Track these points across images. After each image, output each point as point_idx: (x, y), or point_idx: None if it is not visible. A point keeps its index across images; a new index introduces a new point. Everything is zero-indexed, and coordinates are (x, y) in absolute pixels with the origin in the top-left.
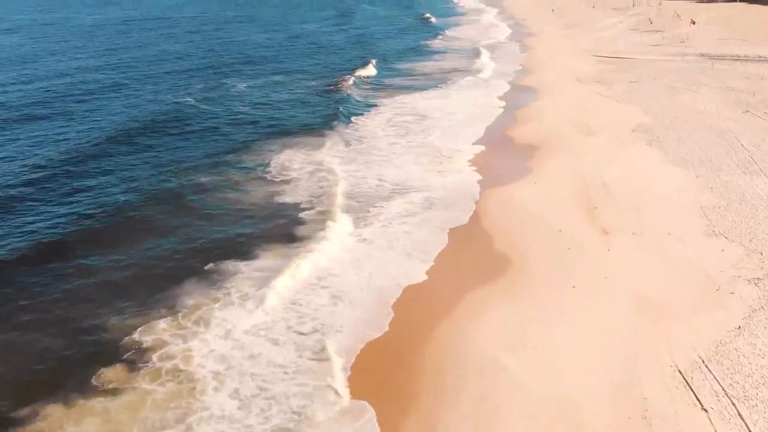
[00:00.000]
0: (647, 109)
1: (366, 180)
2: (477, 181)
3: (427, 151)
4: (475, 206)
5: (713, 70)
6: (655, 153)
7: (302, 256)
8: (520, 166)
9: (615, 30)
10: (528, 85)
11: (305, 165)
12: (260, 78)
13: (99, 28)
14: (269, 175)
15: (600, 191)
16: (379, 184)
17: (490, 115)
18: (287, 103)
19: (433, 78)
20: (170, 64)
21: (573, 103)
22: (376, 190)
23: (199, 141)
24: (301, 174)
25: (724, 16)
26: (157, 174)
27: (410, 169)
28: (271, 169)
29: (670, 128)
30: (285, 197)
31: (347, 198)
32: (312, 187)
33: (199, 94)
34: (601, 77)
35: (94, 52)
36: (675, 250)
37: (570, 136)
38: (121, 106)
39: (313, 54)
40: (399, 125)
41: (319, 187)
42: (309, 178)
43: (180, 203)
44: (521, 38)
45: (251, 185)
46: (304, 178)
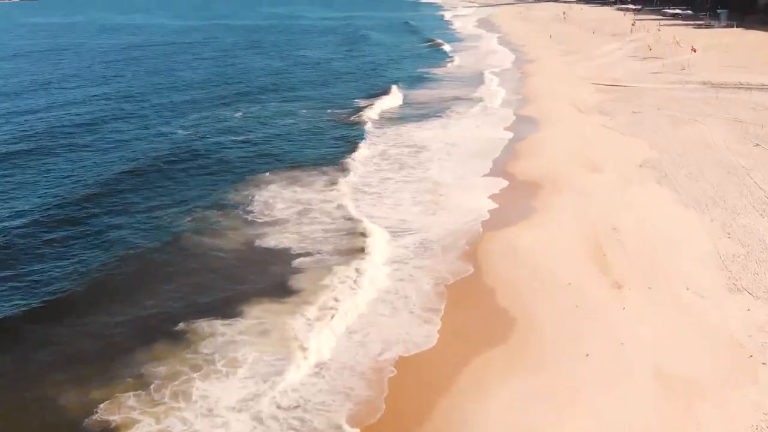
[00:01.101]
0: (653, 143)
1: (363, 221)
2: (478, 221)
3: (426, 187)
4: (477, 252)
5: (717, 100)
6: (665, 192)
7: (291, 315)
8: (523, 206)
9: (613, 57)
10: (527, 115)
11: (293, 204)
12: (269, 106)
13: (103, 55)
14: (252, 215)
15: (610, 237)
16: (379, 224)
17: (489, 150)
18: (296, 136)
19: (434, 107)
20: (177, 93)
21: (575, 136)
22: (372, 231)
23: (190, 178)
24: (290, 214)
25: (723, 43)
26: (139, 221)
27: (408, 208)
28: (254, 208)
29: (678, 164)
30: (270, 240)
31: (342, 241)
32: (303, 230)
33: (200, 125)
34: (602, 107)
35: (96, 81)
36: (696, 309)
37: (574, 173)
38: (117, 141)
39: (324, 82)
40: (395, 159)
41: (312, 231)
42: (299, 220)
43: (158, 249)
44: (520, 65)
45: (234, 227)
46: (292, 220)
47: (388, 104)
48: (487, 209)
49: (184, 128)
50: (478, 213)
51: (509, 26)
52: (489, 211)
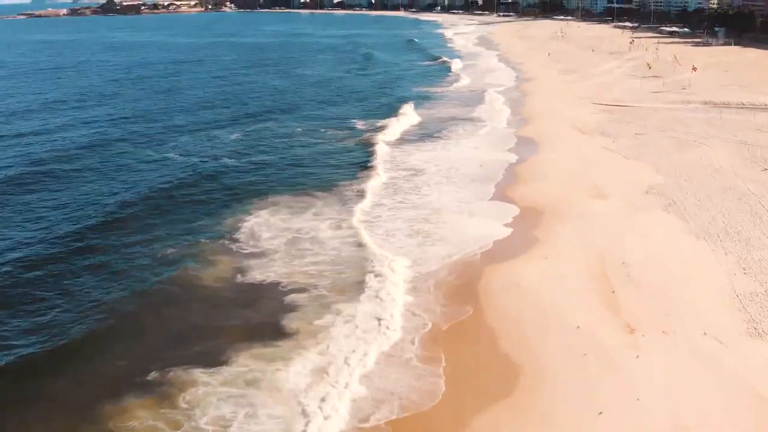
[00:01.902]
0: (658, 167)
1: (353, 253)
2: (479, 252)
3: (424, 214)
4: (478, 289)
5: (721, 121)
6: (674, 222)
7: (284, 362)
8: (525, 236)
9: (613, 75)
10: (528, 136)
11: (283, 233)
12: (274, 128)
13: (107, 73)
14: (238, 244)
15: (619, 272)
16: (371, 256)
17: (489, 174)
18: (301, 160)
19: (433, 127)
20: (182, 114)
21: (577, 159)
22: (361, 264)
23: (187, 207)
24: (280, 244)
25: (722, 61)
26: (130, 256)
27: (403, 239)
28: (242, 236)
29: (686, 190)
30: (257, 274)
31: (339, 275)
32: (295, 263)
33: (203, 148)
34: (603, 128)
35: (99, 101)
36: (714, 357)
37: (578, 199)
38: (116, 166)
39: (332, 101)
40: (393, 184)
41: (304, 264)
42: (291, 250)
43: (140, 290)
44: (519, 84)
45: (222, 258)
46: (282, 251)
47: (389, 125)
48: (489, 239)
49: (187, 152)
50: (478, 243)
51: (507, 44)
52: (490, 242)
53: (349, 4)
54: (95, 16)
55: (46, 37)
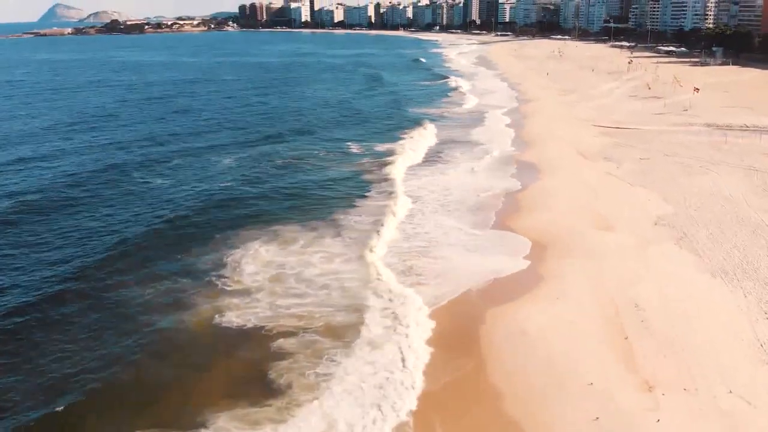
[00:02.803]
0: (666, 195)
1: (344, 292)
2: (479, 292)
3: (419, 246)
4: (480, 337)
5: (727, 144)
6: (687, 257)
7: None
8: (529, 273)
9: (612, 96)
10: (529, 160)
11: (267, 269)
12: (284, 151)
13: (113, 94)
14: (222, 281)
15: (632, 317)
16: (364, 296)
17: (489, 202)
18: (305, 188)
19: (432, 149)
20: (195, 138)
21: (581, 186)
22: (354, 305)
23: (169, 240)
24: (263, 281)
25: (722, 81)
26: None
27: (394, 278)
28: (229, 272)
29: (696, 221)
30: (234, 317)
31: (332, 318)
32: (279, 303)
33: (217, 173)
34: (606, 152)
35: (103, 125)
36: (743, 421)
37: (585, 232)
38: (122, 194)
39: (341, 124)
40: (386, 213)
41: (291, 306)
42: (275, 289)
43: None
44: (518, 105)
45: (199, 297)
46: (266, 289)
47: (389, 149)
48: (489, 275)
49: (184, 178)
50: (478, 280)
51: (506, 64)
52: (491, 279)
53: (349, 24)
54: (100, 35)
55: (50, 57)
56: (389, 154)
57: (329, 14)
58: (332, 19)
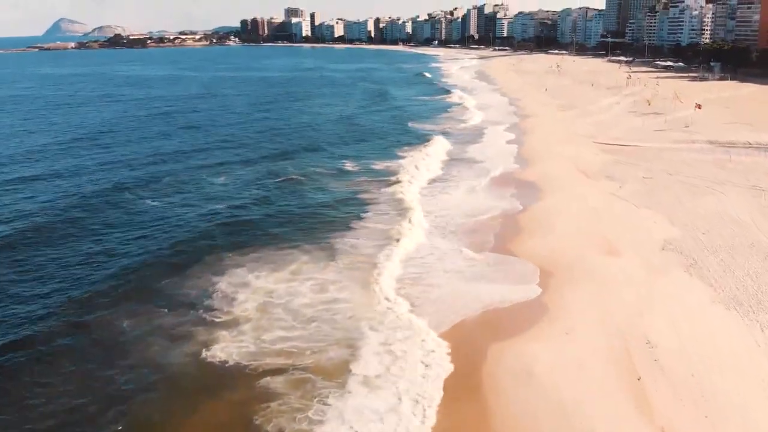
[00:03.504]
0: (672, 217)
1: (335, 325)
2: (480, 324)
3: (414, 272)
4: (482, 377)
5: (731, 163)
6: (698, 287)
7: None
8: (533, 303)
9: (612, 112)
10: (529, 179)
11: (255, 297)
12: (289, 169)
13: (116, 110)
14: (210, 313)
15: (644, 355)
16: (355, 329)
17: (488, 223)
18: (306, 210)
19: (426, 170)
20: (201, 155)
21: (585, 207)
22: (344, 339)
23: (162, 267)
24: (252, 311)
25: (722, 97)
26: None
27: (387, 308)
28: (213, 303)
29: (705, 247)
30: (221, 352)
31: (317, 359)
32: (265, 336)
33: (219, 194)
34: (608, 170)
35: (111, 142)
36: None
37: (589, 257)
38: (125, 217)
39: (346, 141)
40: (378, 236)
41: (278, 340)
42: (260, 319)
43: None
44: (517, 121)
45: (184, 332)
46: (253, 318)
47: (385, 166)
48: (490, 304)
49: (194, 199)
50: (478, 310)
51: (505, 79)
52: (492, 309)
53: (349, 39)
54: (103, 50)
55: (53, 71)
56: (388, 173)
57: (329, 29)
58: (332, 34)
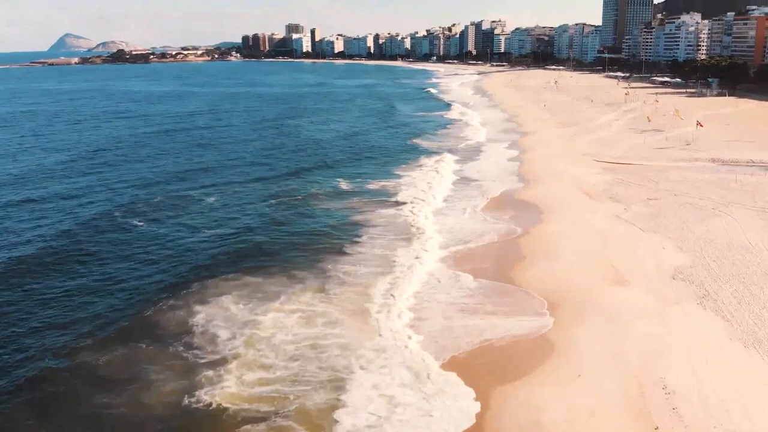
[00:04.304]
0: (681, 242)
1: (321, 364)
2: (480, 362)
3: (409, 304)
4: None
5: (737, 183)
6: (713, 322)
7: None
8: (539, 339)
9: (612, 129)
10: (530, 200)
11: (241, 331)
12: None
13: (121, 127)
14: (192, 352)
15: (660, 401)
16: (343, 368)
17: (488, 250)
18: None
19: (421, 189)
20: (209, 175)
21: (589, 231)
22: (332, 383)
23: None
24: (237, 348)
25: (722, 113)
26: None
27: (377, 338)
28: (194, 339)
29: (718, 276)
30: (204, 395)
31: (301, 405)
32: (248, 378)
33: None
34: (612, 191)
35: (105, 163)
36: None
37: (597, 287)
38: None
39: (354, 159)
40: (370, 261)
41: (259, 382)
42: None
43: None
44: (516, 138)
45: (163, 375)
46: (239, 358)
47: (381, 186)
48: (491, 340)
49: (197, 222)
50: (478, 344)
51: (504, 95)
52: (494, 345)
53: (349, 54)
54: (106, 65)
55: (56, 87)
56: (385, 194)
57: (330, 45)
58: (332, 50)
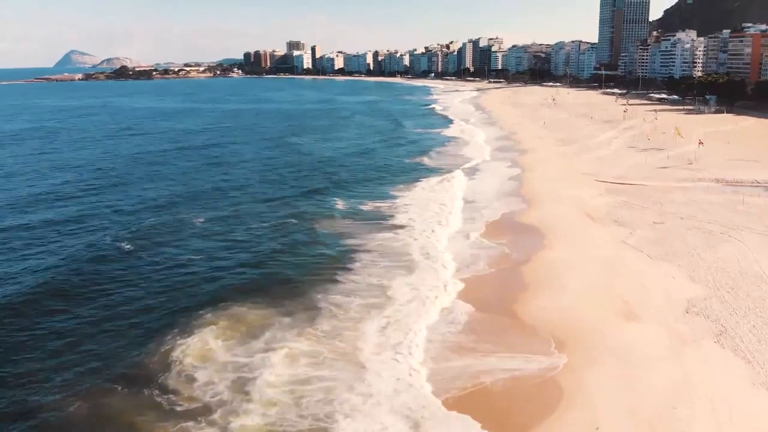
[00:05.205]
0: (692, 272)
1: (302, 411)
2: (480, 412)
3: (393, 342)
4: None
5: (744, 206)
6: (733, 363)
7: None
8: (547, 383)
9: (612, 147)
10: (531, 223)
11: (221, 374)
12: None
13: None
14: (167, 398)
15: None
16: (327, 419)
17: (487, 281)
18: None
19: (416, 212)
20: (215, 205)
21: (595, 258)
22: None
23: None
24: (217, 393)
25: (721, 131)
26: None
27: (366, 382)
28: (170, 381)
29: (734, 309)
30: None
31: None
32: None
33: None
34: (616, 214)
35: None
36: None
37: (607, 323)
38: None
39: (364, 178)
40: (372, 292)
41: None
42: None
43: None
44: (515, 157)
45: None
46: (220, 407)
47: (375, 206)
48: (494, 384)
49: (188, 246)
50: (477, 388)
51: (501, 112)
52: (497, 391)
53: (349, 71)
54: (109, 81)
55: (59, 103)
56: (380, 216)
57: (330, 62)
58: (333, 67)
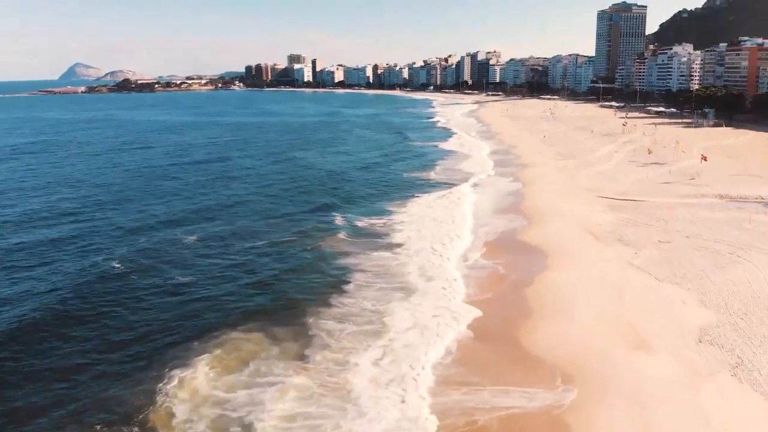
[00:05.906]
0: (702, 295)
1: None
2: None
3: (387, 378)
4: None
5: (751, 223)
6: (753, 400)
7: None
8: (551, 421)
9: (613, 162)
10: (532, 243)
11: (201, 410)
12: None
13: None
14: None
15: None
16: None
17: (487, 309)
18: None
19: (418, 222)
20: (222, 222)
21: (601, 281)
22: None
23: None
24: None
25: (722, 144)
26: None
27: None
28: (150, 416)
29: (749, 337)
30: None
31: None
32: None
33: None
34: (620, 232)
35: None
36: None
37: (617, 354)
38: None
39: (376, 193)
40: (367, 319)
41: None
42: None
43: None
44: (514, 171)
45: None
46: None
47: (369, 223)
48: (496, 421)
49: (178, 267)
50: (478, 422)
51: (499, 125)
52: (499, 429)
53: (349, 84)
54: (112, 94)
55: (61, 116)
56: (377, 234)
57: (330, 75)
58: (333, 80)
